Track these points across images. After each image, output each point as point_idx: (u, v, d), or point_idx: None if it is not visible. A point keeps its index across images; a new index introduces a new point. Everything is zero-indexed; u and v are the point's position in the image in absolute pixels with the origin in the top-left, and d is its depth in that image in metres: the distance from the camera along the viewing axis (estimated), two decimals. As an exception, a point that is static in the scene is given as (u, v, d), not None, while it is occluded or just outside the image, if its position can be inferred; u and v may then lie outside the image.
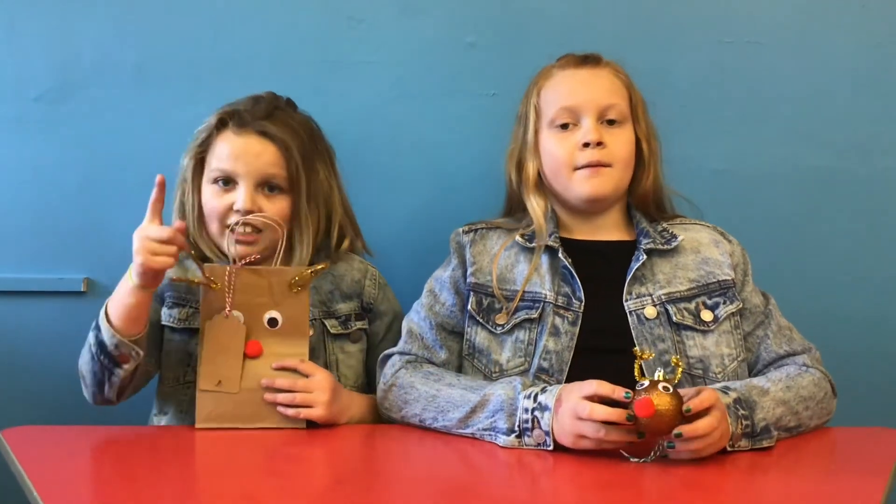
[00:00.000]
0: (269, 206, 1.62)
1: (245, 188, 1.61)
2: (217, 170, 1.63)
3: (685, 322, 1.54)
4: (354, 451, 1.49)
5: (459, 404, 1.46)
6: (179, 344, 1.65)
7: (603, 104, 1.60)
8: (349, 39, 1.95)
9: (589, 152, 1.57)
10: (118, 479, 1.29)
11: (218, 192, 1.63)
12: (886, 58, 1.93)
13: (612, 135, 1.59)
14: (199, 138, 1.67)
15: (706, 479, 1.26)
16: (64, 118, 1.95)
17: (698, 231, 1.65)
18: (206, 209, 1.64)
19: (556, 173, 1.61)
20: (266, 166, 1.62)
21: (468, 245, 1.65)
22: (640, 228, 1.63)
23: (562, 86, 1.64)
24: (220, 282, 1.53)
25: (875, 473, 1.26)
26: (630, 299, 1.55)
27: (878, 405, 1.90)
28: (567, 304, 1.56)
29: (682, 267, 1.59)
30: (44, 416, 1.92)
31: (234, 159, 1.62)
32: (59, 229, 1.96)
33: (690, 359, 1.52)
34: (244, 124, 1.63)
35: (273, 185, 1.63)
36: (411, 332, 1.63)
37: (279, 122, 1.65)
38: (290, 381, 1.52)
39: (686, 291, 1.57)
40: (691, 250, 1.61)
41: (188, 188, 1.67)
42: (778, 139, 1.95)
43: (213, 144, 1.65)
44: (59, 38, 1.95)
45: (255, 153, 1.62)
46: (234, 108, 1.65)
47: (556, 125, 1.61)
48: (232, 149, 1.62)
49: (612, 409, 1.28)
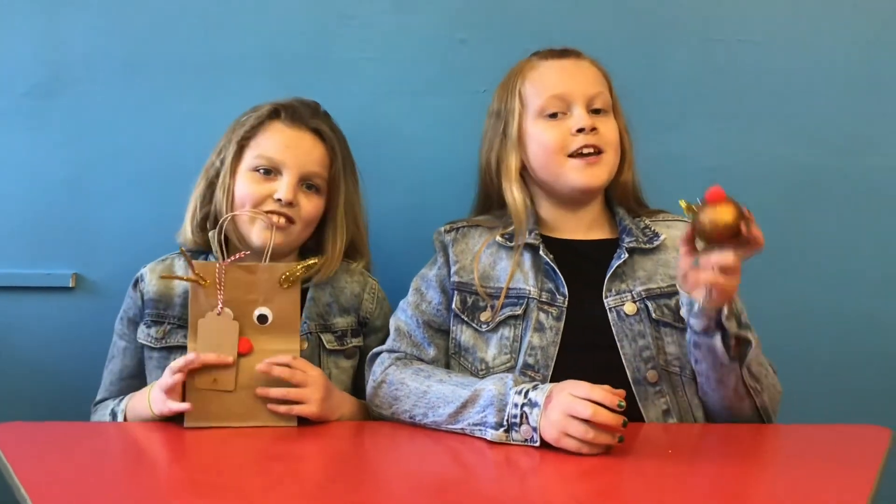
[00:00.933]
0: (306, 203, 1.64)
1: (289, 180, 1.62)
2: (263, 157, 1.63)
3: (664, 319, 1.55)
4: (345, 447, 1.49)
5: (450, 400, 1.46)
6: (158, 361, 1.65)
7: (591, 93, 1.60)
8: (340, 36, 1.95)
9: (583, 137, 1.57)
10: (106, 476, 1.28)
11: (258, 179, 1.63)
12: (877, 56, 1.94)
13: (601, 122, 1.60)
14: (246, 124, 1.67)
15: (690, 473, 1.27)
16: (52, 113, 1.95)
17: (680, 228, 1.65)
18: (240, 194, 1.64)
19: (548, 161, 1.61)
20: (313, 164, 1.64)
21: (450, 244, 1.66)
22: (623, 226, 1.63)
23: (548, 75, 1.63)
24: (210, 278, 1.52)
25: (863, 470, 1.26)
26: (610, 296, 1.56)
27: (867, 402, 1.90)
28: (551, 300, 1.56)
29: (664, 264, 1.60)
30: (32, 413, 1.91)
31: (283, 149, 1.63)
32: (48, 224, 1.96)
33: (668, 356, 1.53)
34: (298, 118, 1.66)
35: (313, 183, 1.65)
36: (399, 329, 1.62)
37: (330, 126, 1.68)
38: (288, 373, 1.50)
39: (667, 288, 1.58)
40: (673, 248, 1.62)
41: (226, 172, 1.66)
42: (769, 137, 1.95)
43: (262, 132, 1.65)
44: (47, 34, 1.95)
45: (306, 149, 1.64)
46: (287, 103, 1.68)
47: (545, 114, 1.61)
48: (283, 139, 1.64)
49: (614, 416, 1.29)
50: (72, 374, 1.90)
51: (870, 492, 1.17)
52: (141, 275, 1.69)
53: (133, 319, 1.69)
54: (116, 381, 1.69)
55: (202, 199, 1.68)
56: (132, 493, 1.20)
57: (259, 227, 1.61)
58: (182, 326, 1.63)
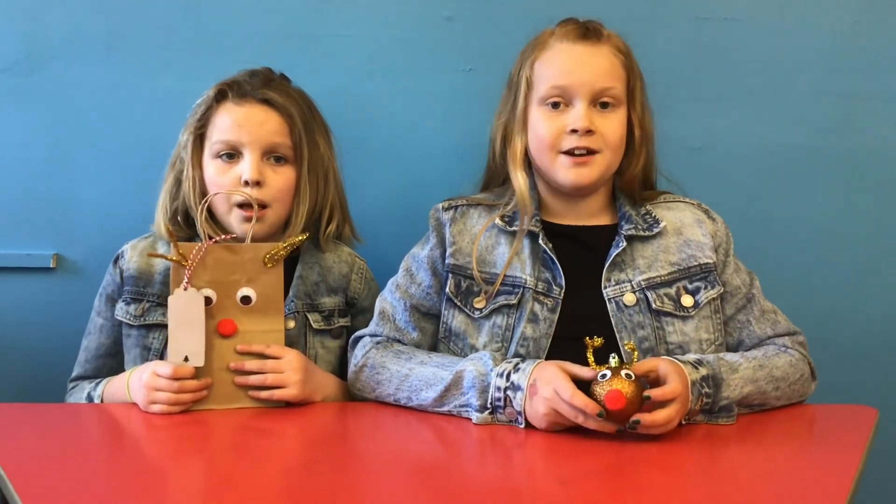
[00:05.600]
0: (276, 177, 1.62)
1: (251, 157, 1.59)
2: (220, 142, 1.61)
3: (665, 308, 1.52)
4: (327, 428, 1.48)
5: (432, 382, 1.45)
6: (136, 339, 1.64)
7: (597, 87, 1.54)
8: (322, 12, 1.93)
9: (576, 138, 1.53)
10: (87, 457, 1.27)
11: (222, 167, 1.61)
12: (863, 35, 1.93)
13: (605, 118, 1.55)
14: (197, 113, 1.65)
15: (676, 452, 1.27)
16: (32, 91, 1.92)
17: (682, 210, 1.63)
18: (211, 186, 1.62)
19: (541, 154, 1.57)
20: (270, 134, 1.61)
21: (448, 223, 1.62)
22: (623, 213, 1.60)
23: (557, 62, 1.57)
24: (191, 258, 1.50)
25: (850, 449, 1.26)
26: (609, 286, 1.54)
27: (854, 382, 1.91)
28: (547, 291, 1.54)
29: (664, 250, 1.57)
30: (12, 394, 1.91)
31: (237, 129, 1.60)
32: (28, 204, 1.93)
33: (670, 344, 1.51)
34: (245, 94, 1.62)
35: (278, 154, 1.62)
36: (383, 313, 1.60)
37: (279, 91, 1.64)
38: (259, 363, 1.50)
39: (667, 276, 1.55)
40: (673, 232, 1.59)
41: (187, 165, 1.64)
42: (755, 117, 1.94)
43: (214, 117, 1.63)
44: (26, 10, 1.92)
45: (259, 121, 1.61)
46: (233, 80, 1.65)
47: (547, 102, 1.56)
48: (234, 118, 1.61)
49: (602, 423, 1.30)
50: (53, 354, 1.88)
51: (856, 470, 1.18)
52: (122, 251, 1.68)
53: (111, 297, 1.67)
54: (93, 359, 1.68)
55: (171, 194, 1.67)
56: (112, 474, 1.19)
57: (237, 217, 1.60)
58: (161, 304, 1.62)
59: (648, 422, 1.28)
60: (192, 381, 1.46)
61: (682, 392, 1.32)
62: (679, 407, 1.32)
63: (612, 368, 1.31)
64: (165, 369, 1.45)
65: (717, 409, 1.40)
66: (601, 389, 1.29)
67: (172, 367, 1.45)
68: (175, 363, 1.46)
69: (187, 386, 1.46)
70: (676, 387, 1.32)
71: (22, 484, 1.09)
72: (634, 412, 1.28)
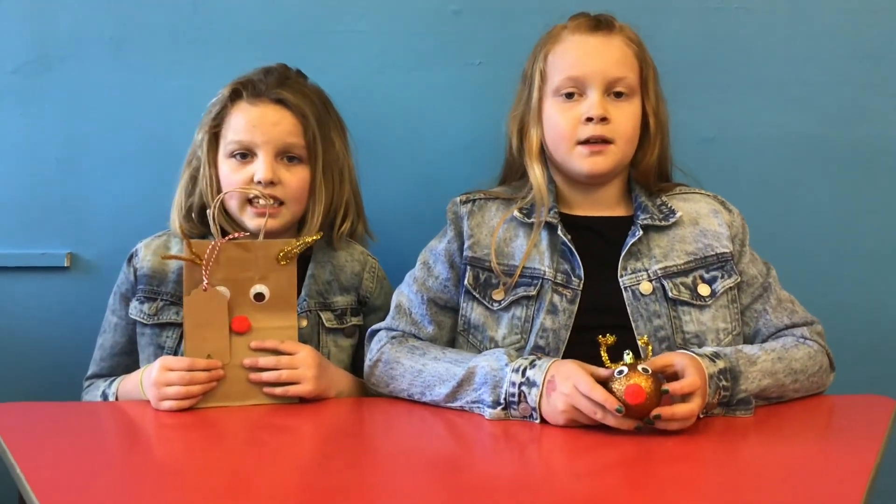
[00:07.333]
0: (290, 176, 1.61)
1: (264, 158, 1.59)
2: (234, 142, 1.61)
3: (681, 297, 1.52)
4: (342, 424, 1.48)
5: (445, 378, 1.45)
6: (150, 338, 1.64)
7: (611, 77, 1.55)
8: (332, 8, 1.92)
9: (591, 127, 1.53)
10: (103, 455, 1.27)
11: (236, 166, 1.61)
12: (875, 24, 1.92)
13: (618, 108, 1.55)
14: (212, 112, 1.65)
15: (694, 445, 1.27)
16: (43, 91, 1.93)
17: (697, 201, 1.63)
18: (225, 185, 1.62)
19: (557, 145, 1.58)
20: (284, 135, 1.61)
21: (466, 216, 1.62)
22: (639, 203, 1.60)
23: (570, 53, 1.58)
24: (204, 257, 1.50)
25: (868, 440, 1.25)
26: (625, 275, 1.53)
27: (868, 372, 1.89)
28: (566, 282, 1.53)
29: (680, 240, 1.57)
30: (27, 393, 1.91)
31: (251, 129, 1.60)
32: (41, 204, 1.94)
33: (686, 334, 1.50)
34: (259, 94, 1.62)
35: (292, 154, 1.62)
36: (400, 306, 1.60)
37: (294, 90, 1.64)
38: (274, 359, 1.50)
39: (683, 265, 1.55)
40: (690, 222, 1.59)
41: (203, 163, 1.64)
42: (766, 106, 1.93)
43: (228, 117, 1.63)
44: (36, 10, 1.92)
45: (273, 122, 1.61)
46: (247, 79, 1.64)
47: (560, 94, 1.56)
48: (248, 119, 1.61)
49: (620, 420, 1.29)
50: (68, 353, 1.89)
51: (875, 461, 1.17)
52: (136, 250, 1.68)
53: (125, 295, 1.67)
54: (108, 357, 1.69)
55: (186, 191, 1.67)
56: (128, 472, 1.19)
57: (250, 213, 1.60)
58: (175, 303, 1.62)
59: (668, 415, 1.28)
60: (202, 372, 1.46)
61: (700, 385, 1.31)
62: (699, 400, 1.31)
63: (629, 365, 1.30)
64: (179, 363, 1.46)
65: (735, 401, 1.39)
66: (619, 385, 1.28)
67: (189, 359, 1.46)
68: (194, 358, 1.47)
69: (198, 378, 1.46)
70: (695, 380, 1.31)
71: (38, 482, 1.09)
72: (654, 407, 1.27)
